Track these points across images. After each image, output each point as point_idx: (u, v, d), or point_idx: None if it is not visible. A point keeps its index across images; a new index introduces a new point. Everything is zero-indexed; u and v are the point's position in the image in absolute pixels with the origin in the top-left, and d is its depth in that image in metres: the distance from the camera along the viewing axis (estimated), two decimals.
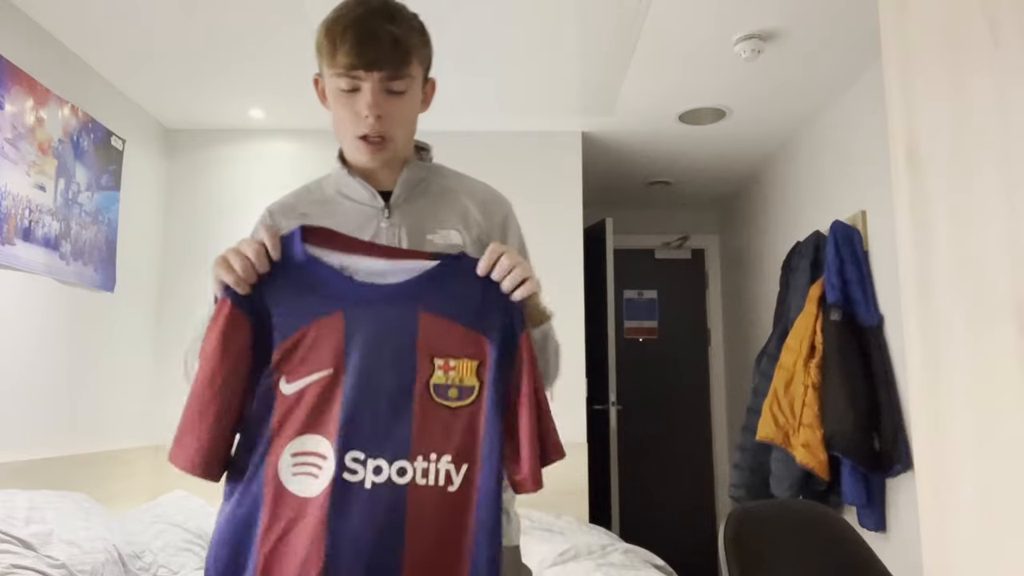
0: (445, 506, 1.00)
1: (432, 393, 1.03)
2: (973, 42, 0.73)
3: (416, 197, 1.24)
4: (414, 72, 1.16)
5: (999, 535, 0.71)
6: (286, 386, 1.03)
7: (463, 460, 1.02)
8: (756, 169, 4.30)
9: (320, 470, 1.00)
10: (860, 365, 2.82)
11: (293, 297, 1.04)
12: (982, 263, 0.74)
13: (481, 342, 1.04)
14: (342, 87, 1.15)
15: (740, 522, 1.61)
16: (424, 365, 1.03)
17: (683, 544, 4.56)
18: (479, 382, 1.04)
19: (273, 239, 1.05)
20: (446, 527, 1.00)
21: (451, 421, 1.02)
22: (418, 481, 1.00)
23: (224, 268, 1.03)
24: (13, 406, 2.53)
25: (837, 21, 2.60)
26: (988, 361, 0.73)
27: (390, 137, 1.17)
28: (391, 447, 1.00)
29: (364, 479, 0.99)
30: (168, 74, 3.07)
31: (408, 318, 1.04)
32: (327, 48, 1.16)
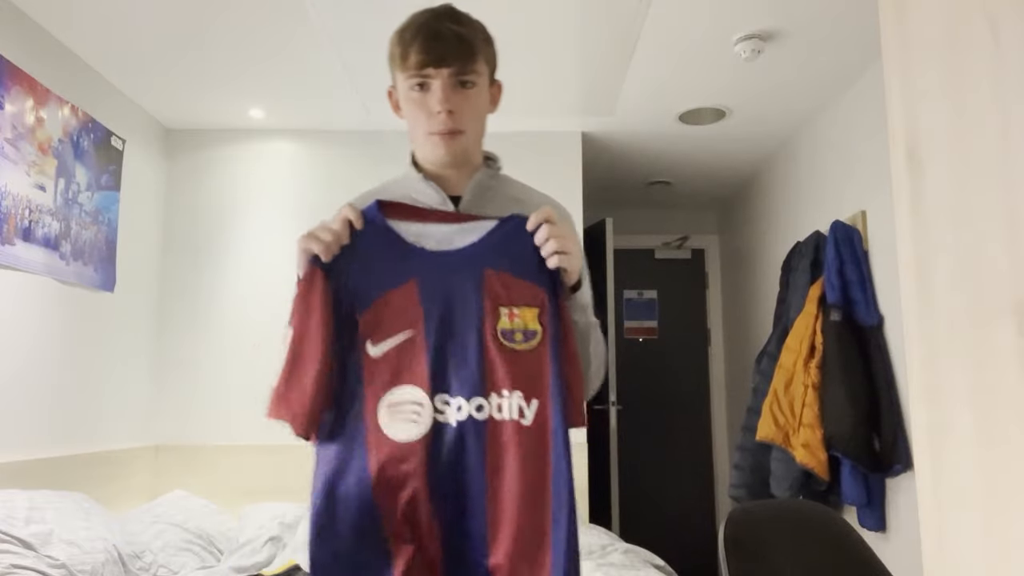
0: (521, 436, 1.11)
1: (501, 337, 1.14)
2: (973, 42, 0.73)
3: (484, 203, 1.30)
4: (480, 69, 1.24)
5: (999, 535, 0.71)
6: (373, 348, 1.15)
7: (532, 395, 1.12)
8: (756, 169, 4.30)
9: (419, 416, 1.12)
10: (860, 365, 2.81)
11: (372, 268, 1.17)
12: (982, 263, 0.74)
13: (539, 292, 1.16)
14: (414, 87, 1.22)
15: (740, 522, 1.61)
16: (491, 314, 1.15)
17: (683, 544, 4.56)
18: (541, 326, 1.15)
19: (356, 214, 1.18)
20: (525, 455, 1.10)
21: (519, 361, 1.13)
22: (495, 415, 1.12)
23: (312, 240, 1.15)
24: (13, 406, 2.53)
25: (837, 21, 2.60)
26: (988, 361, 0.73)
27: (461, 130, 1.23)
28: (469, 387, 1.12)
29: (449, 417, 1.12)
30: (168, 74, 3.08)
31: (474, 276, 1.16)
32: (399, 52, 1.23)
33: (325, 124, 3.60)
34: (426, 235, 1.20)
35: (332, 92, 3.24)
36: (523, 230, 1.18)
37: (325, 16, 2.61)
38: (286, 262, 3.55)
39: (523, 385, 1.12)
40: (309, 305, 1.14)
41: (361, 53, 2.87)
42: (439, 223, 1.21)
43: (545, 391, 1.12)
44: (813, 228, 3.39)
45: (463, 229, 1.20)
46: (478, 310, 1.15)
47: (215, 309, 3.52)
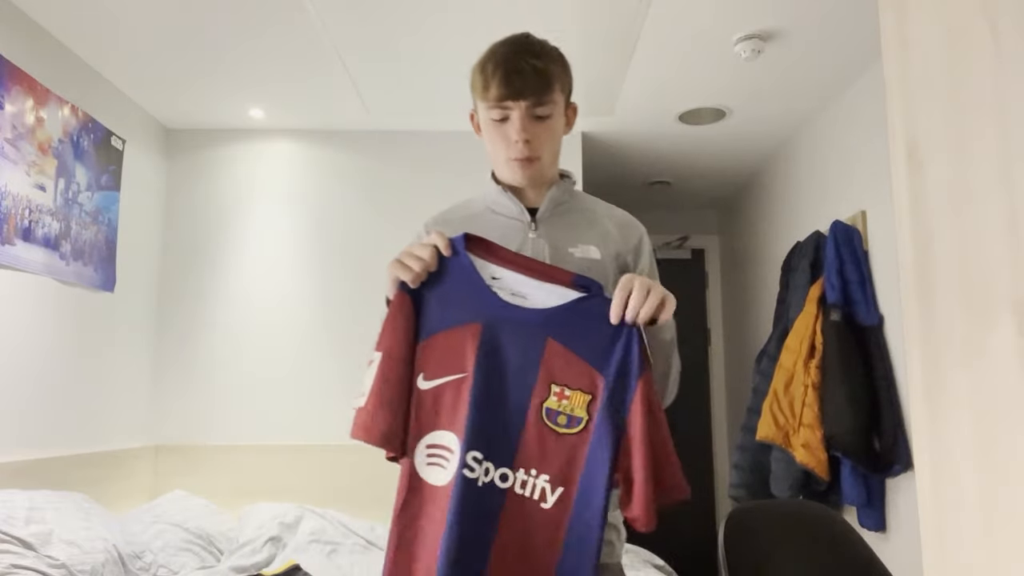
0: (537, 519, 1.10)
1: (544, 416, 1.12)
2: (973, 42, 0.73)
3: (560, 215, 1.38)
4: (556, 98, 1.31)
5: (999, 535, 0.71)
6: (423, 382, 1.14)
7: (559, 483, 1.10)
8: (756, 169, 4.30)
9: (447, 463, 1.12)
10: (860, 365, 2.81)
11: (443, 299, 1.17)
12: (982, 263, 0.74)
13: (596, 379, 1.13)
14: (494, 117, 1.30)
15: (740, 522, 1.61)
16: (542, 388, 1.13)
17: (683, 544, 4.56)
18: (588, 416, 1.12)
19: (445, 243, 1.19)
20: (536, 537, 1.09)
21: (555, 445, 1.11)
22: (516, 490, 1.10)
23: (401, 268, 1.18)
24: (13, 406, 2.53)
25: (837, 21, 2.60)
26: (988, 361, 0.73)
27: (537, 157, 1.31)
28: (500, 454, 1.11)
29: (478, 477, 1.10)
30: (168, 74, 3.08)
31: (537, 342, 1.14)
32: (480, 84, 1.31)
33: (325, 124, 3.60)
34: (505, 281, 1.19)
35: (332, 92, 3.24)
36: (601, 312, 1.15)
37: (325, 16, 2.61)
38: (286, 262, 3.56)
39: (552, 469, 1.11)
40: (396, 330, 1.15)
41: (361, 53, 2.87)
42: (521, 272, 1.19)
43: (573, 480, 1.10)
44: (813, 228, 3.39)
45: (543, 288, 1.18)
46: (531, 380, 1.13)
47: (215, 309, 3.52)
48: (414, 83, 3.12)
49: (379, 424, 1.12)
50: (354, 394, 1.16)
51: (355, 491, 3.27)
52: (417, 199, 3.48)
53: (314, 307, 3.52)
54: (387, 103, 3.35)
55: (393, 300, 1.18)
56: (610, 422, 1.11)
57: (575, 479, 1.10)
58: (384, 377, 1.13)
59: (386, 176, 3.64)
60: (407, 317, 1.15)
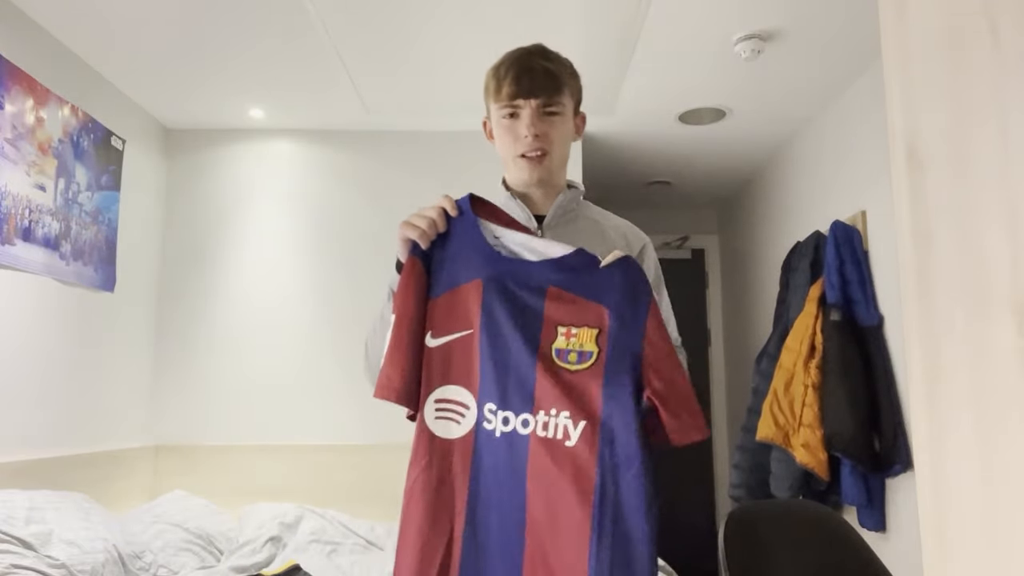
0: (563, 457, 1.10)
1: (554, 356, 1.14)
2: (973, 42, 0.73)
3: (566, 223, 1.41)
4: (565, 101, 1.36)
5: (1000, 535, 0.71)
6: (431, 340, 1.18)
7: (580, 417, 1.11)
8: (756, 169, 4.30)
9: (463, 417, 1.15)
10: (860, 365, 2.81)
11: (449, 259, 1.21)
12: (982, 263, 0.74)
13: (601, 312, 1.15)
14: (505, 115, 1.34)
15: (740, 522, 1.61)
16: (549, 331, 1.15)
17: (683, 544, 4.56)
18: (598, 348, 1.14)
19: (452, 204, 1.24)
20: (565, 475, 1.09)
21: (570, 381, 1.13)
22: (539, 432, 1.12)
23: (410, 227, 1.22)
24: (13, 406, 2.53)
25: (837, 21, 2.60)
26: (988, 361, 0.73)
27: (546, 152, 1.34)
28: (518, 401, 1.13)
29: (495, 428, 1.13)
30: (168, 74, 3.07)
31: (538, 291, 1.17)
32: (493, 85, 1.36)
33: (325, 124, 3.60)
34: (505, 239, 1.23)
35: (332, 92, 3.24)
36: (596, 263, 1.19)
37: (325, 16, 2.60)
38: (286, 262, 3.56)
39: (571, 406, 1.12)
40: (408, 290, 1.18)
41: (361, 53, 2.87)
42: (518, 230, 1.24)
43: (594, 413, 1.11)
44: (813, 228, 3.38)
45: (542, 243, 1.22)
46: (536, 326, 1.16)
47: (215, 309, 3.52)
48: (414, 83, 3.12)
49: (395, 383, 1.15)
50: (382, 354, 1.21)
51: (355, 491, 3.27)
52: (417, 199, 3.46)
53: (314, 307, 3.52)
54: (387, 103, 3.35)
55: (405, 263, 1.21)
56: (625, 346, 1.13)
57: (596, 411, 1.11)
58: (398, 338, 1.17)
59: (386, 176, 3.64)
60: (418, 278, 1.19)
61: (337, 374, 3.44)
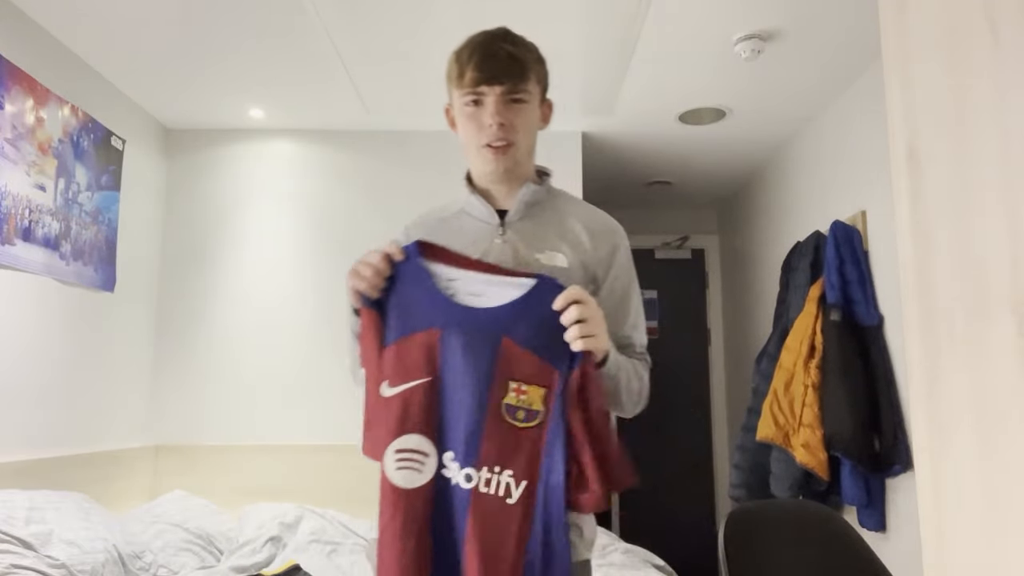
0: (503, 515, 1.11)
1: (503, 412, 1.14)
2: (973, 42, 0.73)
3: (531, 217, 1.34)
4: (531, 88, 1.30)
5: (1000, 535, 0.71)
6: (387, 389, 1.16)
7: (523, 476, 1.12)
8: (756, 169, 4.30)
9: (423, 466, 1.14)
10: (860, 365, 2.81)
11: (401, 306, 1.19)
12: (982, 263, 0.74)
13: (551, 373, 1.15)
14: (468, 103, 1.28)
15: (740, 522, 1.61)
16: (500, 386, 1.14)
17: (683, 544, 4.56)
18: (545, 408, 1.14)
19: (396, 249, 1.21)
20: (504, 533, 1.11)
21: (516, 440, 1.13)
22: (480, 488, 1.12)
23: (357, 278, 1.19)
24: (13, 406, 2.53)
25: (837, 21, 2.60)
26: (988, 361, 0.73)
27: (512, 142, 1.28)
28: (463, 455, 1.13)
29: (452, 477, 1.14)
30: (168, 74, 3.07)
31: (492, 343, 1.16)
32: (456, 71, 1.29)
33: (325, 124, 3.60)
34: (460, 282, 1.20)
35: (332, 92, 3.24)
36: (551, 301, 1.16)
37: (325, 16, 2.60)
38: (286, 262, 3.56)
39: (515, 464, 1.12)
40: (371, 345, 1.18)
41: (361, 53, 2.87)
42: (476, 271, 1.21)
43: (535, 473, 1.12)
44: (813, 228, 3.38)
45: (497, 282, 1.19)
46: (488, 379, 1.15)
47: (215, 309, 3.52)
48: (414, 83, 3.12)
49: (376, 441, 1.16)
50: None
51: (355, 491, 3.26)
52: (417, 199, 3.47)
53: (314, 307, 3.52)
54: (387, 103, 3.35)
55: (363, 317, 1.20)
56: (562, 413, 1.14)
57: (538, 471, 1.12)
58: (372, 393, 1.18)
59: (386, 176, 3.64)
60: (377, 329, 1.19)
61: (337, 374, 3.43)
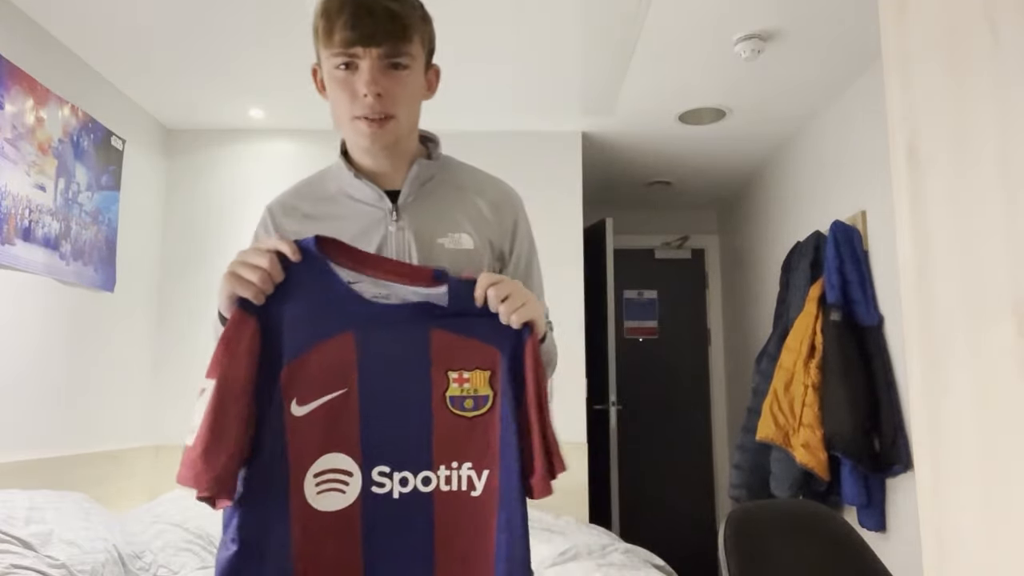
0: (470, 509, 1.04)
1: (449, 405, 1.05)
2: (973, 42, 0.73)
3: (425, 196, 1.19)
4: (414, 51, 1.12)
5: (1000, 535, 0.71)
6: (297, 408, 1.03)
7: (484, 466, 1.05)
8: (756, 169, 4.30)
9: (347, 486, 1.03)
10: (860, 365, 2.81)
11: (302, 313, 1.04)
12: (982, 263, 0.74)
13: (491, 352, 1.07)
14: (339, 66, 1.09)
15: (740, 522, 1.61)
16: (439, 379, 1.05)
17: (683, 544, 4.56)
18: (492, 391, 1.06)
19: (291, 247, 1.04)
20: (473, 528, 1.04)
21: (469, 430, 1.05)
22: (442, 487, 1.04)
23: (238, 282, 1.02)
24: (13, 406, 2.53)
25: (837, 21, 2.60)
26: (988, 361, 0.73)
27: (391, 115, 1.11)
28: (415, 460, 1.04)
29: (392, 490, 1.04)
30: (168, 74, 3.07)
31: (420, 335, 1.06)
32: (324, 27, 1.09)
33: (325, 124, 3.60)
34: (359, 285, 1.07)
35: None
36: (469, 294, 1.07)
37: None
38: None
39: (473, 455, 1.05)
40: (235, 355, 1.00)
41: None
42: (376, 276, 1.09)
43: (495, 460, 1.05)
44: (813, 228, 3.39)
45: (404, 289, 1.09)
46: (424, 375, 1.05)
47: (214, 309, 3.51)
48: None
49: (210, 468, 0.96)
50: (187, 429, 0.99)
51: None
52: None
53: None
54: None
55: (231, 319, 1.02)
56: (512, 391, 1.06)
57: (497, 457, 1.05)
58: (217, 411, 0.97)
59: None
60: (251, 339, 1.01)
61: None
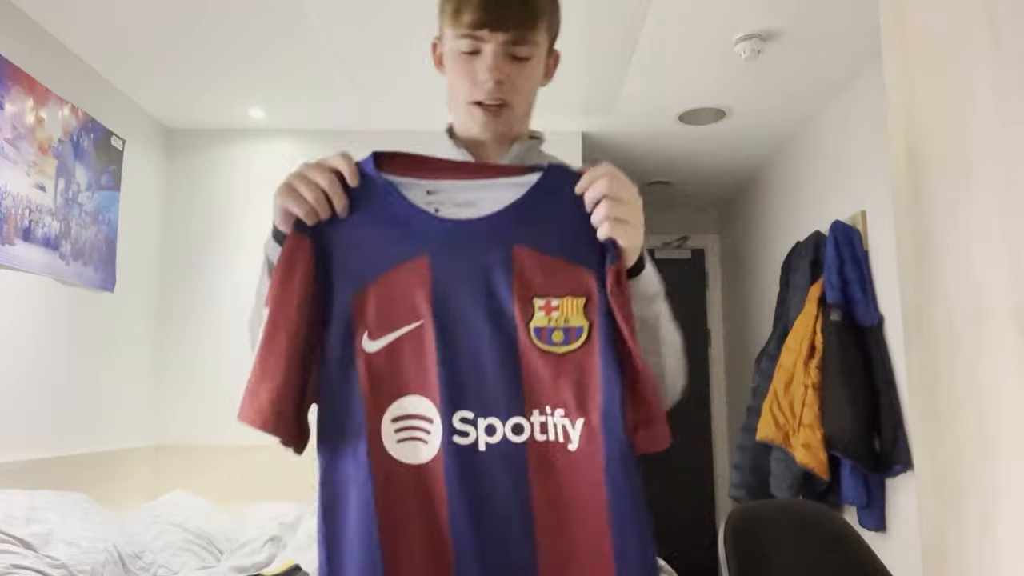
0: (569, 466, 0.89)
1: (534, 338, 0.90)
2: (973, 43, 0.73)
3: None
4: (540, 39, 1.09)
5: (998, 535, 0.71)
6: (369, 343, 0.91)
7: (577, 414, 0.89)
8: (756, 169, 4.30)
9: (428, 435, 0.90)
10: (860, 365, 2.81)
11: (369, 238, 0.93)
12: (981, 263, 0.74)
13: (585, 276, 0.91)
14: (463, 49, 1.05)
15: (740, 522, 1.61)
16: (523, 308, 0.90)
17: (683, 544, 4.56)
18: (588, 322, 0.90)
19: (349, 165, 0.96)
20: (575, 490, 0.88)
21: (558, 369, 0.90)
22: (537, 437, 0.89)
23: (292, 197, 0.95)
24: (13, 406, 2.53)
25: (837, 21, 2.60)
26: (987, 361, 0.73)
27: (508, 104, 1.07)
28: (503, 403, 0.89)
29: (476, 440, 0.89)
30: (168, 74, 3.07)
31: (501, 256, 0.91)
32: (451, 6, 1.05)
33: (325, 124, 3.60)
34: (441, 194, 0.95)
35: (332, 92, 3.24)
36: (569, 191, 0.93)
37: (325, 16, 2.60)
38: None
39: (565, 400, 0.89)
40: (289, 281, 0.91)
41: (361, 53, 2.87)
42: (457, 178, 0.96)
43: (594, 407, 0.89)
44: (813, 228, 3.38)
45: (490, 186, 0.96)
46: (506, 302, 0.91)
47: (215, 309, 3.51)
48: (414, 83, 3.12)
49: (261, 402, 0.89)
50: None
51: None
52: None
53: None
54: (387, 103, 3.35)
55: (286, 244, 0.94)
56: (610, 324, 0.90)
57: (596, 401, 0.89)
58: (271, 342, 0.89)
59: None
60: (307, 264, 0.92)
61: None
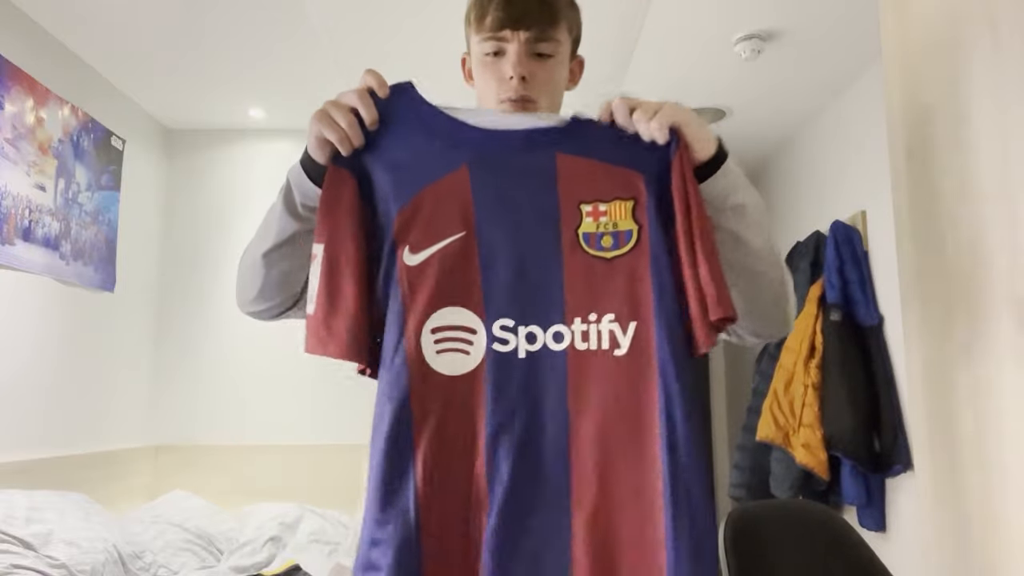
0: (615, 373, 0.87)
1: (583, 244, 0.89)
2: (973, 43, 0.73)
3: None
4: (561, 37, 1.12)
5: (1000, 535, 0.71)
6: (410, 256, 0.91)
7: (629, 318, 0.87)
8: (756, 169, 4.30)
9: (471, 345, 0.89)
10: (860, 365, 2.81)
11: (407, 156, 0.93)
12: (981, 262, 0.74)
13: (633, 178, 0.90)
14: (488, 51, 1.10)
15: (740, 522, 1.61)
16: (570, 213, 0.90)
17: None
18: (637, 225, 0.89)
19: (379, 80, 0.96)
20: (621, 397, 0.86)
21: (609, 273, 0.88)
22: (578, 345, 0.88)
23: (326, 122, 0.95)
24: (13, 406, 2.53)
25: (837, 21, 2.60)
26: (987, 360, 0.73)
27: (533, 100, 1.09)
28: (544, 310, 0.88)
29: (516, 348, 0.88)
30: (168, 74, 3.07)
31: (545, 162, 0.91)
32: (475, 13, 1.12)
33: None
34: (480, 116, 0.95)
35: (332, 92, 3.22)
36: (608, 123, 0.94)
37: (325, 16, 2.60)
38: None
39: (616, 305, 0.87)
40: (337, 214, 0.91)
41: (360, 53, 2.87)
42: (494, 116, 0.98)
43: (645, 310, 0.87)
44: (813, 228, 3.38)
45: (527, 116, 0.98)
46: (551, 208, 0.90)
47: (215, 309, 3.51)
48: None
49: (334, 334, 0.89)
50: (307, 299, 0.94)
51: (355, 491, 3.27)
52: None
53: None
54: None
55: (327, 179, 0.94)
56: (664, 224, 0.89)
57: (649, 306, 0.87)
58: (329, 275, 0.90)
59: None
60: (351, 195, 0.92)
61: (338, 373, 3.44)
